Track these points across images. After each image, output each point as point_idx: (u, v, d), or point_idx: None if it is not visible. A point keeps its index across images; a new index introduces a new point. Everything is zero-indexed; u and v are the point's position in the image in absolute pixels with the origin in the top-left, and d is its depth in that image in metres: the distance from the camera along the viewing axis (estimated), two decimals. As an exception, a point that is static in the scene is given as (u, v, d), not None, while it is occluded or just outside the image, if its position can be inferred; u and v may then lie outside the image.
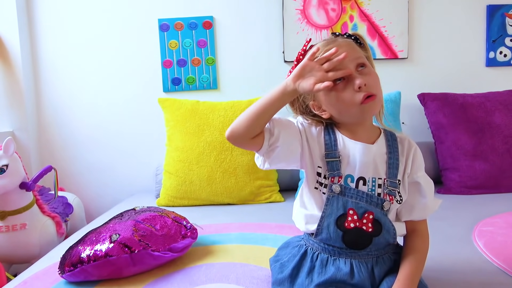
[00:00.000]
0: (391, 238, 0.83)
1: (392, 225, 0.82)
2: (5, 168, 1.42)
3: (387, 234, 0.82)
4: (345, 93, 0.79)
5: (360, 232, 0.80)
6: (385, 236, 0.82)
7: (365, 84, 0.77)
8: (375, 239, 0.81)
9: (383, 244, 0.83)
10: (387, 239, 0.82)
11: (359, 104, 0.78)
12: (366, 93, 0.77)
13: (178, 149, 1.78)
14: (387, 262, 0.84)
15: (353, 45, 0.82)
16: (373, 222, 0.80)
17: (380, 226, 0.81)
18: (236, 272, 0.99)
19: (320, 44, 0.83)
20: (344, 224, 0.80)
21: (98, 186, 2.16)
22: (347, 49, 0.78)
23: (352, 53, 0.79)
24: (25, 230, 1.49)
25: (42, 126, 2.14)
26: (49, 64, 2.13)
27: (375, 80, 0.81)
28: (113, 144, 2.16)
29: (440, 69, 2.19)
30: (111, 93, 2.15)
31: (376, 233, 0.81)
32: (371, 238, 0.81)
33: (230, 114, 1.81)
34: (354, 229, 0.80)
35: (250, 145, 0.82)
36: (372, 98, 0.79)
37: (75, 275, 0.94)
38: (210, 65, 2.15)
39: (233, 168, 1.73)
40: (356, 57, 0.79)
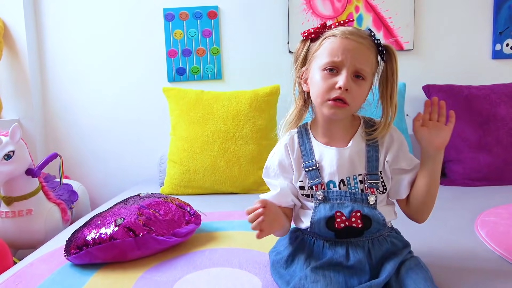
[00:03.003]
0: (381, 226, 0.83)
1: (382, 215, 0.82)
2: (12, 154, 1.44)
3: (377, 224, 0.83)
4: (326, 82, 0.79)
5: (350, 229, 0.82)
6: (375, 227, 0.83)
7: (347, 90, 0.77)
8: (367, 229, 0.82)
9: (377, 229, 0.84)
10: (377, 228, 0.83)
11: (327, 100, 0.79)
12: (340, 97, 0.77)
13: (182, 138, 1.79)
14: (383, 242, 0.85)
15: (370, 53, 0.80)
16: (361, 218, 0.81)
17: (370, 220, 0.82)
18: (239, 257, 1.00)
19: (349, 28, 0.80)
20: (334, 225, 0.82)
21: (102, 175, 2.18)
22: (358, 50, 0.77)
23: (360, 58, 0.77)
24: (31, 216, 1.51)
25: (48, 115, 2.15)
26: (55, 53, 2.14)
27: (360, 93, 0.80)
28: (118, 133, 2.17)
29: (446, 61, 2.18)
30: (116, 82, 2.16)
31: (366, 227, 0.82)
32: (362, 231, 0.82)
33: (234, 103, 1.81)
34: (345, 228, 0.82)
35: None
36: (341, 105, 0.78)
37: (80, 257, 0.96)
38: (215, 55, 2.15)
39: (237, 157, 1.74)
40: (360, 65, 0.78)
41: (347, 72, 0.77)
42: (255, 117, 1.80)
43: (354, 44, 0.77)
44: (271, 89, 1.88)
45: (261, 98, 1.84)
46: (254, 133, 1.77)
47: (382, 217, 0.82)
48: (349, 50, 0.77)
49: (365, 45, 0.79)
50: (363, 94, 0.82)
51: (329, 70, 0.79)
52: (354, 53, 0.77)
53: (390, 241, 0.86)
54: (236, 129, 1.77)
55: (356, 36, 0.78)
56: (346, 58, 0.77)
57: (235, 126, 1.77)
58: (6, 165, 1.42)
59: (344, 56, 0.77)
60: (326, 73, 0.79)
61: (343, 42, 0.78)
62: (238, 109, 1.80)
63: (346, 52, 0.77)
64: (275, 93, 1.89)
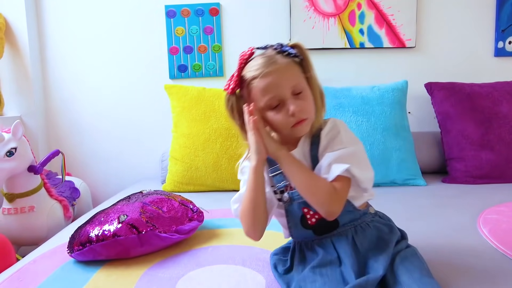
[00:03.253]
0: (353, 210, 0.86)
1: (347, 201, 0.84)
2: (14, 151, 1.44)
3: (346, 211, 0.84)
4: (279, 116, 0.81)
5: (323, 222, 0.84)
6: (346, 214, 0.85)
7: (299, 110, 0.80)
8: (339, 219, 0.84)
9: (351, 217, 0.86)
10: (349, 213, 0.85)
11: (290, 127, 0.82)
12: (298, 119, 0.81)
13: (184, 136, 1.79)
14: (366, 228, 0.87)
15: (291, 68, 0.82)
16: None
17: None
18: (242, 254, 1.00)
19: (259, 62, 0.82)
20: (308, 223, 0.86)
21: (104, 172, 2.18)
22: (282, 76, 0.80)
23: (288, 80, 0.80)
24: (33, 212, 1.52)
25: (49, 112, 2.15)
26: (56, 50, 2.13)
27: (309, 104, 0.83)
28: (119, 130, 2.17)
29: (448, 58, 2.17)
30: (118, 79, 2.16)
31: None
32: (336, 220, 0.85)
33: (236, 101, 1.80)
34: (317, 221, 0.85)
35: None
36: (302, 122, 0.82)
37: (83, 254, 0.96)
38: (217, 52, 2.15)
39: (239, 154, 1.71)
40: (292, 85, 0.81)
41: (289, 99, 0.81)
42: (257, 114, 1.79)
43: (274, 75, 0.80)
44: (273, 86, 1.87)
45: (263, 96, 1.83)
46: (256, 130, 1.77)
47: (349, 203, 0.85)
48: (275, 82, 0.80)
49: (283, 66, 0.81)
50: (310, 100, 0.84)
51: (273, 107, 0.82)
52: (280, 80, 0.80)
53: (374, 226, 0.88)
54: (238, 126, 1.76)
55: (271, 66, 0.81)
56: (278, 90, 0.81)
57: (237, 123, 1.76)
58: (9, 162, 1.42)
59: (275, 91, 0.81)
60: (273, 110, 0.82)
61: (265, 80, 0.80)
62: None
63: (274, 86, 0.80)
64: (277, 90, 1.88)
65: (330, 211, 0.80)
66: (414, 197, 1.56)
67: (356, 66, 2.17)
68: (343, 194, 0.80)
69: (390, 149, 1.74)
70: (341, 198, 0.80)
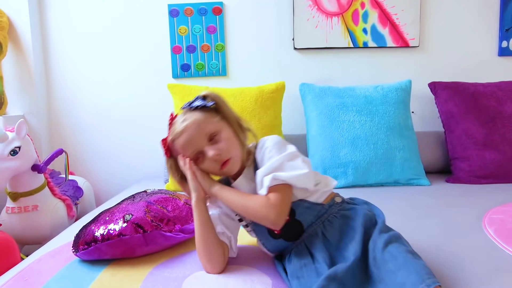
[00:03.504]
0: (311, 206, 0.89)
1: (296, 197, 0.89)
2: (18, 150, 1.44)
3: (303, 208, 0.89)
4: (206, 163, 0.91)
5: (287, 227, 0.88)
6: (304, 211, 0.89)
7: (218, 154, 0.88)
8: (300, 219, 0.89)
9: (315, 214, 0.89)
10: (311, 211, 0.89)
11: (219, 170, 0.91)
12: (221, 162, 0.89)
13: (187, 135, 1.78)
14: (333, 220, 0.89)
15: (201, 119, 0.90)
16: None
17: (292, 211, 0.88)
18: (248, 254, 1.00)
19: (175, 124, 0.92)
20: (274, 232, 0.90)
21: (107, 171, 2.18)
22: (193, 131, 0.89)
23: (199, 131, 0.89)
24: (37, 211, 1.51)
25: (52, 111, 2.15)
26: (59, 49, 2.13)
27: (228, 143, 0.90)
28: (123, 129, 2.17)
29: (452, 58, 2.17)
30: (121, 78, 2.16)
31: (293, 215, 0.89)
32: (297, 222, 0.89)
33: (239, 100, 1.81)
34: (283, 228, 0.87)
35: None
36: (228, 162, 0.89)
37: (89, 253, 0.96)
38: (220, 52, 2.15)
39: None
40: (204, 133, 0.89)
41: (205, 147, 0.89)
42: (260, 114, 1.80)
43: (186, 132, 0.89)
44: (277, 85, 1.87)
45: (266, 95, 1.83)
46: (259, 129, 1.77)
47: (304, 201, 0.89)
48: (188, 138, 0.89)
49: (192, 121, 0.90)
50: (229, 139, 0.91)
51: (196, 159, 0.91)
52: (192, 135, 0.89)
53: (340, 215, 0.90)
54: (241, 126, 1.76)
55: (181, 125, 0.90)
56: (193, 144, 0.89)
57: (241, 122, 1.76)
58: (12, 160, 1.42)
59: (191, 145, 0.90)
60: (199, 161, 0.91)
61: (181, 139, 0.90)
62: (243, 106, 1.79)
63: (189, 142, 0.89)
64: (281, 89, 1.89)
65: (270, 220, 0.84)
66: (418, 197, 1.55)
67: (360, 66, 2.17)
68: (279, 202, 0.84)
69: (394, 148, 1.74)
70: (276, 206, 0.84)
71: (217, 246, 0.90)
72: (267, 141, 0.92)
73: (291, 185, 0.86)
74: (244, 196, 0.89)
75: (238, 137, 0.94)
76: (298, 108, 2.04)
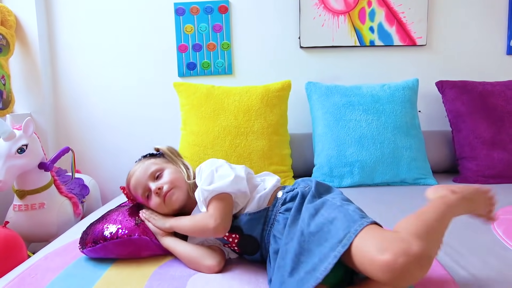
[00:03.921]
0: (254, 216, 0.91)
1: (241, 214, 0.92)
2: (25, 148, 1.44)
3: (246, 221, 0.91)
4: (153, 201, 1.00)
5: (241, 244, 0.93)
6: (248, 223, 0.91)
7: (160, 188, 0.98)
8: (249, 233, 0.91)
9: (262, 221, 0.91)
10: (254, 221, 0.90)
11: (163, 203, 0.99)
12: (164, 193, 0.98)
13: (193, 133, 1.78)
14: (280, 218, 0.88)
15: (147, 164, 1.04)
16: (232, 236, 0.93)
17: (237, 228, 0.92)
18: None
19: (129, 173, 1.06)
20: (236, 250, 0.96)
21: (113, 169, 2.19)
22: (138, 175, 1.02)
23: (144, 174, 1.01)
24: (44, 209, 1.52)
25: (59, 109, 2.16)
26: (66, 47, 2.14)
27: (171, 176, 1.00)
28: (128, 127, 2.17)
29: (460, 56, 2.15)
30: (127, 77, 2.16)
31: (240, 232, 0.92)
32: (247, 236, 0.91)
33: (246, 99, 1.80)
34: (239, 247, 0.94)
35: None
36: (169, 193, 0.98)
37: (95, 251, 0.96)
38: (226, 50, 2.14)
39: (248, 153, 1.73)
40: (149, 173, 1.01)
41: (150, 184, 1.01)
42: (266, 113, 1.79)
43: (133, 178, 1.03)
44: (283, 84, 1.86)
45: (273, 93, 1.83)
46: (265, 128, 1.76)
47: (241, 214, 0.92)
48: (138, 180, 1.02)
49: (139, 168, 1.04)
50: (172, 174, 1.01)
51: (147, 198, 1.02)
52: (137, 179, 1.02)
53: (284, 209, 0.89)
54: (247, 124, 1.76)
55: (135, 169, 1.05)
56: (142, 184, 1.01)
57: (246, 121, 1.76)
58: (20, 158, 1.43)
59: (140, 186, 1.01)
60: (148, 200, 1.02)
61: (132, 181, 1.03)
62: (249, 104, 1.79)
63: (137, 183, 1.02)
64: (287, 88, 1.88)
65: (210, 229, 0.87)
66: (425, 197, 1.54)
67: (366, 64, 2.15)
68: (216, 210, 0.88)
69: (401, 148, 1.73)
70: (213, 214, 0.87)
71: (206, 256, 0.92)
72: (201, 166, 0.97)
73: (226, 194, 0.90)
74: (191, 218, 0.94)
75: (181, 172, 1.03)
76: (304, 107, 2.03)
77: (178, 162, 1.08)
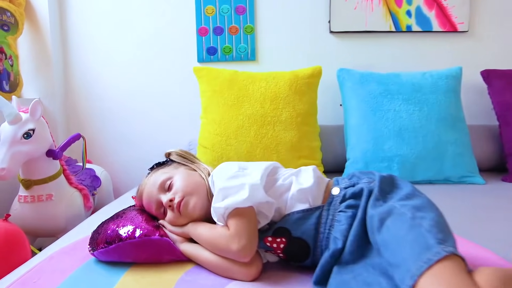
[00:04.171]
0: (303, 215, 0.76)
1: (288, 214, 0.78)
2: (31, 133, 1.30)
3: (294, 220, 0.77)
4: (168, 216, 0.85)
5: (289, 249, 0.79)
6: (297, 223, 0.76)
7: (171, 200, 0.83)
8: (298, 235, 0.76)
9: (312, 221, 0.76)
10: (302, 220, 0.76)
11: (179, 215, 0.83)
12: (177, 204, 0.83)
13: (214, 122, 1.63)
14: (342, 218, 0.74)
15: (155, 175, 0.90)
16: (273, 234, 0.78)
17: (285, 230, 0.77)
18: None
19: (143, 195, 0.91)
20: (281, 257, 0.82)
21: (127, 160, 2.05)
22: (148, 189, 0.88)
23: (154, 187, 0.87)
24: (51, 201, 1.38)
25: (70, 94, 2.02)
26: (79, 29, 2.00)
27: (182, 183, 0.85)
28: (144, 115, 2.03)
29: (505, 43, 1.97)
30: (143, 61, 2.01)
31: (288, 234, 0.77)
32: (296, 240, 0.77)
33: (272, 85, 1.65)
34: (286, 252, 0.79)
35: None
36: (182, 202, 0.83)
37: (108, 253, 0.81)
38: (249, 34, 1.99)
39: (275, 144, 1.58)
40: (159, 185, 0.86)
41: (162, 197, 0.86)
42: (295, 101, 1.63)
43: (146, 189, 0.89)
44: (313, 70, 1.71)
45: (302, 80, 1.67)
46: (294, 118, 1.61)
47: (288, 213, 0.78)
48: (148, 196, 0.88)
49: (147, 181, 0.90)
50: (184, 180, 0.86)
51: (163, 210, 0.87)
52: (150, 191, 0.88)
53: (346, 206, 0.75)
54: (274, 113, 1.60)
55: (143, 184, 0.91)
56: (153, 199, 0.87)
57: (273, 109, 1.61)
58: (26, 144, 1.29)
59: (152, 201, 0.88)
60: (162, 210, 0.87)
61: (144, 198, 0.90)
62: (277, 91, 1.63)
63: (148, 199, 0.88)
64: (317, 75, 1.72)
65: (233, 252, 0.73)
66: (472, 196, 1.37)
67: (402, 52, 1.98)
68: (237, 229, 0.73)
69: (445, 142, 1.55)
70: (235, 235, 0.73)
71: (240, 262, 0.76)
72: (213, 173, 0.84)
73: (246, 207, 0.74)
74: (210, 229, 0.79)
75: (195, 174, 0.90)
76: (334, 96, 1.87)
77: (193, 163, 0.94)
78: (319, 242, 0.75)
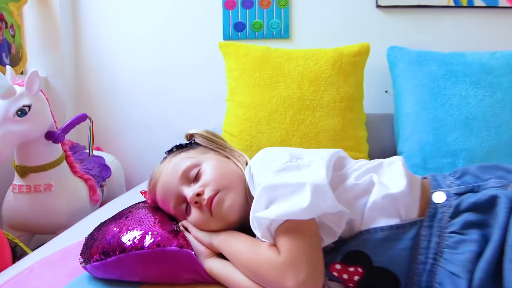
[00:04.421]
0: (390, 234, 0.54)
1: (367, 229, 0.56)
2: (27, 110, 1.10)
3: (377, 242, 0.54)
4: (193, 216, 0.67)
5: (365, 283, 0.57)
6: (383, 247, 0.54)
7: (199, 193, 0.65)
8: (384, 265, 0.54)
9: (405, 244, 0.53)
10: (390, 243, 0.54)
11: (210, 216, 0.64)
12: (207, 201, 0.64)
13: (243, 105, 1.42)
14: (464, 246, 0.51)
15: (172, 162, 0.72)
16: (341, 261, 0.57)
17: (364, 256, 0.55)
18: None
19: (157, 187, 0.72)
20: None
21: (141, 148, 1.86)
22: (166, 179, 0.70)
23: (174, 174, 0.70)
24: (51, 192, 1.21)
25: (80, 73, 1.85)
26: (91, 0, 1.82)
27: (214, 172, 0.68)
28: (161, 98, 1.84)
29: None
30: (161, 38, 1.82)
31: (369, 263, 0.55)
32: (380, 271, 0.55)
33: (312, 64, 1.42)
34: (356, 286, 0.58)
35: None
36: (214, 199, 0.64)
37: (106, 267, 0.58)
38: (282, 8, 1.75)
39: (315, 132, 1.35)
40: (181, 173, 0.69)
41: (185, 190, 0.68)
42: (339, 82, 1.40)
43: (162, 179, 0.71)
44: (360, 47, 1.47)
45: (347, 59, 1.44)
46: (337, 102, 1.38)
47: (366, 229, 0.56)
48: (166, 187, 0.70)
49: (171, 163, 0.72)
50: (216, 169, 0.68)
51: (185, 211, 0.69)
52: (169, 180, 0.70)
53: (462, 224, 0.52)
54: (314, 96, 1.38)
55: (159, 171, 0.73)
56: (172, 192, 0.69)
57: (313, 92, 1.38)
58: (20, 123, 1.09)
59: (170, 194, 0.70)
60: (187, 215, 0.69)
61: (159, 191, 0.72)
62: (317, 71, 1.41)
63: (166, 191, 0.70)
64: (364, 53, 1.48)
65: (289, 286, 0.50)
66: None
67: (462, 30, 1.71)
68: (294, 254, 0.51)
69: (524, 135, 1.29)
70: (292, 263, 0.51)
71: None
72: (252, 165, 0.64)
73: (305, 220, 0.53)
74: (252, 246, 0.58)
75: (231, 162, 0.72)
76: (379, 81, 1.64)
77: (225, 149, 0.76)
78: (416, 277, 0.52)
